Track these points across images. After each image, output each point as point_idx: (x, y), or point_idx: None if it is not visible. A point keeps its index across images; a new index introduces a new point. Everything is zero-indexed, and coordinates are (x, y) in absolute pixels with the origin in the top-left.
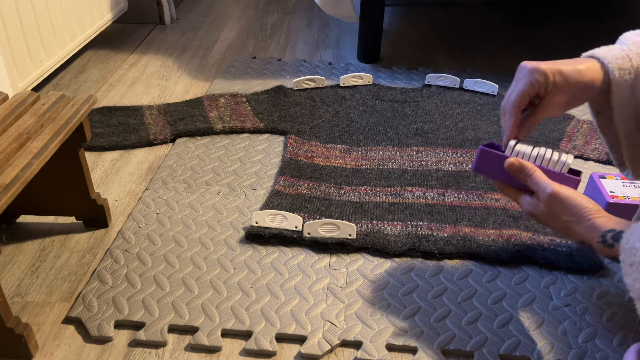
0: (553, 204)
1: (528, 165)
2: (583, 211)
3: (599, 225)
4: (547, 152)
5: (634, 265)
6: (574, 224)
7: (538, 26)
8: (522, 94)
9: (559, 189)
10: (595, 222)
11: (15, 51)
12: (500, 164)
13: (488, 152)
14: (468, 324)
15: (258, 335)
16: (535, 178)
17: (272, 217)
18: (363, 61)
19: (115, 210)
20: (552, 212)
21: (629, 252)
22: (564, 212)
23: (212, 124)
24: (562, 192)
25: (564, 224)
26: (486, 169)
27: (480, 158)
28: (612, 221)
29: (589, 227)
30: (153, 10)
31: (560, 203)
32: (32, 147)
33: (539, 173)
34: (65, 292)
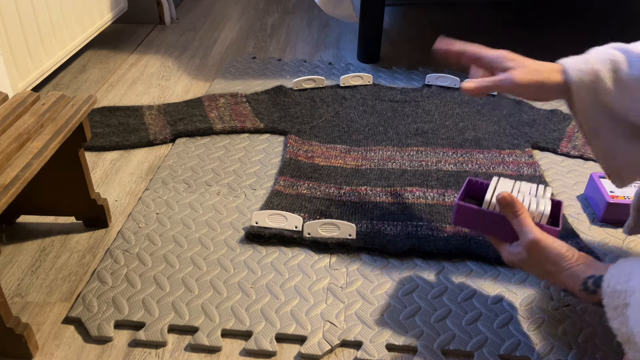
0: (534, 251)
1: (519, 203)
2: (562, 260)
3: (578, 273)
4: (526, 202)
5: (618, 308)
6: (555, 273)
7: (538, 26)
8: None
9: (540, 236)
10: (575, 270)
11: (15, 51)
12: (478, 217)
13: (465, 206)
14: (468, 324)
15: (258, 335)
16: (522, 219)
17: (272, 217)
18: (363, 61)
19: (115, 210)
20: (534, 260)
21: (611, 295)
22: (544, 260)
23: (212, 124)
24: (543, 241)
25: (545, 272)
26: (465, 221)
27: (458, 212)
28: (592, 267)
29: (569, 276)
30: (153, 10)
31: (541, 251)
32: (32, 147)
33: (526, 215)
34: (65, 292)
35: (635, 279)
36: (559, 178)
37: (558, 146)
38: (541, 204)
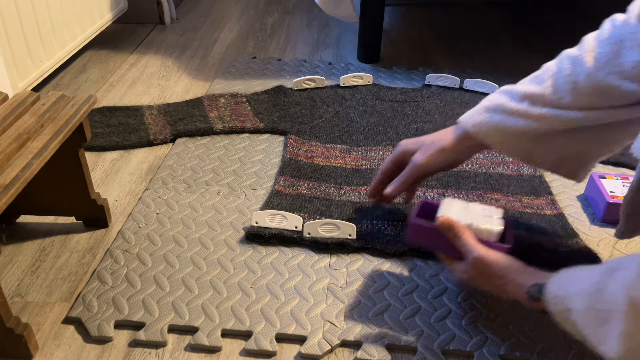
0: (480, 267)
1: (457, 225)
2: (507, 273)
3: (523, 283)
4: (477, 221)
5: (562, 313)
6: (502, 286)
7: (538, 26)
8: (387, 160)
9: (484, 253)
10: (520, 280)
11: (15, 51)
12: (430, 235)
13: (417, 224)
14: (468, 324)
15: (258, 335)
16: (464, 240)
17: (272, 217)
18: (363, 61)
19: (115, 210)
20: (481, 275)
21: (554, 302)
22: (491, 275)
23: (212, 124)
24: (487, 257)
25: (494, 286)
26: (419, 239)
27: (411, 230)
28: (536, 276)
29: (515, 286)
30: (153, 10)
31: (486, 267)
32: (32, 147)
33: (467, 235)
34: (65, 292)
35: (574, 284)
36: (559, 178)
37: None
38: (491, 223)
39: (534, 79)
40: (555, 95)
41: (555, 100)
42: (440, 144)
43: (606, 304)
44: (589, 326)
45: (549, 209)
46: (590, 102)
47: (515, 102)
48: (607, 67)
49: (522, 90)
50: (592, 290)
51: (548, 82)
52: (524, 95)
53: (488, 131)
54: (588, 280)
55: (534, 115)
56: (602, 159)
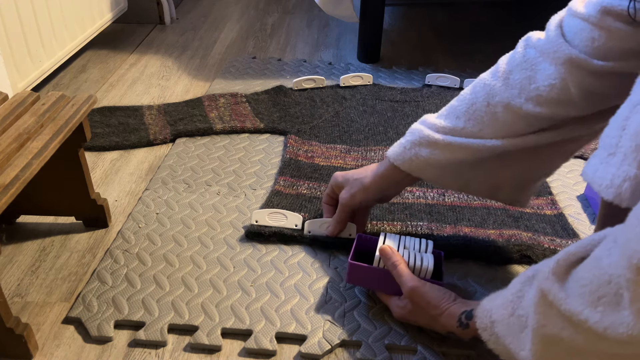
0: (415, 298)
1: (397, 255)
2: (440, 302)
3: (454, 312)
4: (411, 260)
5: (487, 328)
6: (437, 316)
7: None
8: (325, 194)
9: (418, 284)
10: (452, 309)
11: (15, 51)
12: (368, 274)
13: (355, 265)
14: None
15: (258, 334)
16: (400, 270)
17: (272, 216)
18: (363, 61)
19: (115, 210)
20: (417, 307)
21: (481, 316)
22: (425, 305)
23: (212, 124)
24: (421, 287)
25: (429, 318)
26: (358, 279)
27: (350, 271)
28: (466, 304)
29: (447, 316)
30: (153, 10)
31: (421, 297)
32: (32, 147)
33: (404, 266)
34: (65, 292)
35: (500, 297)
36: (559, 178)
37: None
38: (425, 260)
39: (452, 111)
40: (476, 128)
41: (477, 132)
42: (362, 182)
43: (524, 308)
44: (510, 334)
45: (549, 209)
46: (512, 130)
47: (440, 134)
48: (523, 94)
49: (443, 124)
50: (513, 298)
51: (467, 116)
52: (446, 129)
53: (419, 166)
54: (511, 289)
55: (460, 147)
56: (540, 182)
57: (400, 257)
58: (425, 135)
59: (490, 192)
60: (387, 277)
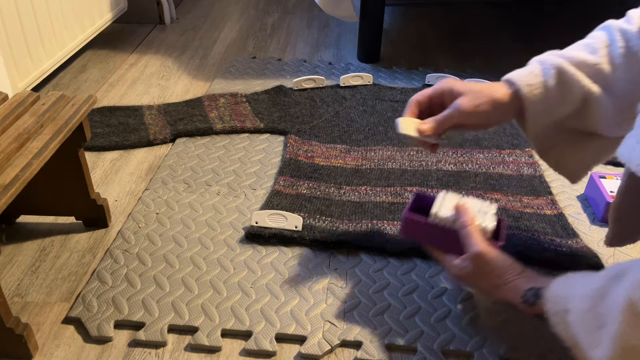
0: (479, 263)
1: (469, 215)
2: (505, 273)
3: (520, 286)
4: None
5: (558, 314)
6: (499, 286)
7: (538, 26)
8: (423, 91)
9: (485, 249)
10: (517, 283)
11: (15, 51)
12: (425, 230)
13: (411, 219)
14: (468, 324)
15: (258, 335)
16: (469, 231)
17: (272, 217)
18: (363, 61)
19: (115, 210)
20: (479, 272)
21: (553, 301)
22: (489, 272)
23: (212, 124)
24: (488, 253)
25: (490, 285)
26: (413, 233)
27: (405, 225)
28: (532, 280)
29: (511, 289)
30: (153, 10)
31: (486, 264)
32: (32, 147)
33: (474, 228)
34: (65, 292)
35: (578, 286)
36: (559, 178)
37: None
38: (485, 220)
39: (585, 46)
40: (610, 66)
41: (609, 72)
42: (492, 95)
43: (606, 308)
44: (585, 329)
45: (549, 208)
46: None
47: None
48: None
49: (577, 57)
50: (595, 294)
51: (602, 52)
52: (579, 63)
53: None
54: (592, 284)
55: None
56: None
57: (471, 218)
58: (557, 63)
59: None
60: (445, 235)
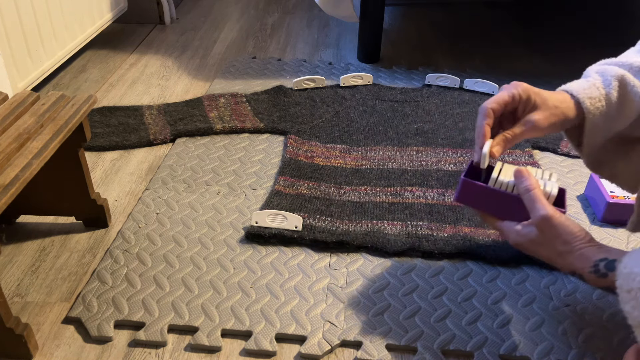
0: (545, 228)
1: (533, 179)
2: (574, 239)
3: (589, 255)
4: None
5: (632, 291)
6: (565, 253)
7: (538, 26)
8: (498, 98)
9: (553, 213)
10: (586, 251)
11: (15, 51)
12: (483, 195)
13: (470, 182)
14: (468, 324)
15: (258, 335)
16: (535, 195)
17: (272, 217)
18: (363, 61)
19: (115, 210)
20: (544, 238)
21: (627, 277)
22: (555, 238)
23: (212, 124)
24: (556, 217)
25: (554, 252)
26: (469, 199)
27: (462, 188)
28: (604, 250)
29: (580, 257)
30: (153, 10)
31: (553, 228)
32: (32, 147)
33: (540, 192)
34: (65, 292)
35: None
36: (559, 178)
37: (558, 146)
38: (548, 186)
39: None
40: None
41: None
42: (566, 113)
43: None
44: None
45: None
46: None
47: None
48: None
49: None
50: None
51: None
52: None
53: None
54: None
55: None
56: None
57: (536, 181)
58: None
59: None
60: (504, 200)
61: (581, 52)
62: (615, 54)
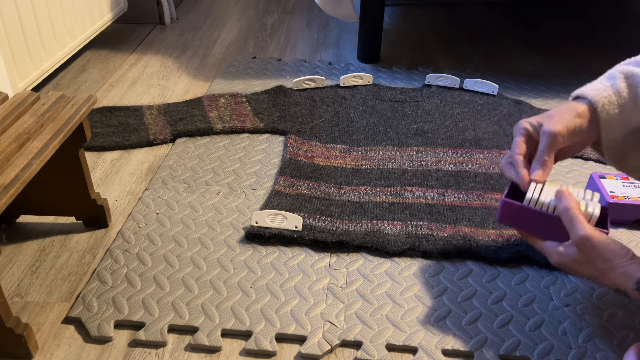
0: (585, 247)
1: (573, 198)
2: (615, 257)
3: (632, 272)
4: None
5: None
6: (607, 271)
7: (538, 26)
8: (517, 142)
9: (592, 232)
10: (629, 269)
11: (15, 51)
12: (523, 214)
13: (510, 203)
14: (468, 324)
15: (258, 335)
16: (573, 214)
17: (272, 217)
18: (363, 61)
19: (115, 210)
20: (585, 257)
21: None
22: (595, 257)
23: (212, 124)
24: (595, 237)
25: (597, 270)
26: (510, 219)
27: (503, 209)
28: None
29: (623, 275)
30: (153, 10)
31: (592, 248)
32: (32, 147)
33: (579, 211)
34: (65, 292)
35: None
36: (559, 178)
37: None
38: (590, 206)
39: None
40: None
41: None
42: (575, 109)
43: None
44: None
45: None
46: None
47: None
48: None
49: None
50: None
51: None
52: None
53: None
54: None
55: None
56: None
57: (575, 202)
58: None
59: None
60: (545, 220)
61: (581, 52)
62: (616, 54)
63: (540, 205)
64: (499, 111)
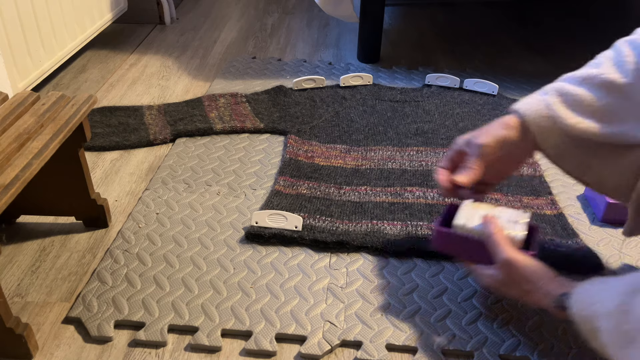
0: (509, 270)
1: (495, 224)
2: (536, 277)
3: (552, 291)
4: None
5: (591, 332)
6: (531, 291)
7: (538, 26)
8: (447, 155)
9: (514, 256)
10: (549, 287)
11: (15, 51)
12: (455, 241)
13: (440, 230)
14: (468, 324)
15: (258, 335)
16: (496, 239)
17: (272, 217)
18: (363, 61)
19: (115, 210)
20: (509, 279)
21: (579, 320)
22: (519, 279)
23: (212, 124)
24: (518, 260)
25: (522, 291)
26: (444, 245)
27: (436, 236)
28: (565, 285)
29: (544, 294)
30: (153, 10)
31: (516, 270)
32: (32, 147)
33: (501, 236)
34: (65, 292)
35: (599, 303)
36: (559, 178)
37: None
38: (514, 230)
39: (590, 65)
40: (617, 74)
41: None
42: (503, 123)
43: (632, 324)
44: (615, 346)
45: (549, 209)
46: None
47: (574, 85)
48: None
49: (579, 74)
50: (617, 312)
51: (607, 64)
52: (582, 78)
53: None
54: (612, 302)
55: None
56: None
57: (498, 227)
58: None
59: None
60: (475, 245)
61: (581, 52)
62: None
63: (468, 231)
64: (499, 111)
